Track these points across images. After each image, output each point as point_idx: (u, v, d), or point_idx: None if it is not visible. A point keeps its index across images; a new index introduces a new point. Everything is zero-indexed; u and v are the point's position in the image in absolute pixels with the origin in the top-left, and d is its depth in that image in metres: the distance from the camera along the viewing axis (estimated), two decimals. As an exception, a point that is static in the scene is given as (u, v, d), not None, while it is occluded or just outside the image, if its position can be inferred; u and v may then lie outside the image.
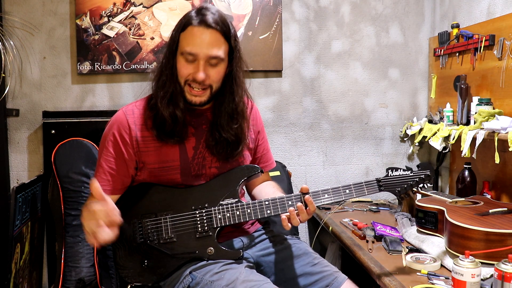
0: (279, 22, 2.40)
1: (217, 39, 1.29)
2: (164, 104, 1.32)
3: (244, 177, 1.40)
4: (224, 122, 1.37)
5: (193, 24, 1.28)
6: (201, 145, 1.40)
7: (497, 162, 1.72)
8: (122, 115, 1.38)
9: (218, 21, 1.28)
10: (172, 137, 1.35)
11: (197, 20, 1.28)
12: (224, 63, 1.33)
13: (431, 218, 1.59)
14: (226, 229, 1.42)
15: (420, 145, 2.55)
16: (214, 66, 1.31)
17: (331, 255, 2.29)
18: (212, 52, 1.28)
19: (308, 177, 2.53)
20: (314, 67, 2.49)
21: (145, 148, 1.36)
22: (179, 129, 1.35)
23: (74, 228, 2.03)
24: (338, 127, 2.53)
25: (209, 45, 1.28)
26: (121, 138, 1.36)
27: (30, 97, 2.34)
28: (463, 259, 1.19)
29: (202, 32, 1.27)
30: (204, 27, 1.27)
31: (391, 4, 2.50)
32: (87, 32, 2.31)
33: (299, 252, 1.42)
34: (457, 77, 2.16)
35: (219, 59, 1.30)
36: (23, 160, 2.35)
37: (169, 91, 1.33)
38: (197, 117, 1.41)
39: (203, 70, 1.29)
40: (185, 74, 1.31)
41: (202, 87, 1.32)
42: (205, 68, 1.30)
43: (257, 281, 1.22)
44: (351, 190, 1.33)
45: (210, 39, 1.27)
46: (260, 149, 1.58)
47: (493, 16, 1.94)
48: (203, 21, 1.27)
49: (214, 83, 1.34)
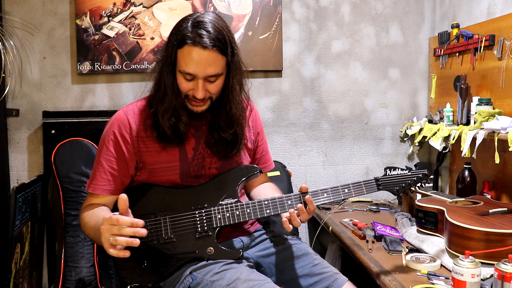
0: (279, 22, 2.40)
1: (215, 58, 1.27)
2: (166, 119, 1.33)
3: (243, 177, 1.41)
4: (223, 124, 1.39)
5: (189, 43, 1.25)
6: (201, 146, 1.41)
7: (497, 162, 1.72)
8: (122, 114, 1.38)
9: (215, 39, 1.25)
10: (173, 140, 1.35)
11: (193, 40, 1.25)
12: (223, 75, 1.33)
13: (431, 218, 1.59)
14: (226, 229, 1.42)
15: (420, 145, 2.55)
16: (212, 82, 1.31)
17: (331, 255, 2.29)
18: (210, 71, 1.28)
19: (308, 177, 2.53)
20: (314, 67, 2.49)
21: (145, 148, 1.37)
22: (180, 131, 1.36)
23: (74, 228, 2.03)
24: (338, 127, 2.53)
25: (207, 66, 1.27)
26: (122, 138, 1.36)
27: (30, 97, 2.34)
28: (463, 259, 1.19)
29: (199, 53, 1.25)
30: (200, 48, 1.24)
31: (391, 4, 2.50)
32: (87, 32, 2.31)
33: (300, 252, 1.42)
34: (457, 77, 2.16)
35: (217, 75, 1.31)
36: (23, 160, 2.35)
37: (171, 106, 1.33)
38: (197, 118, 1.41)
39: (202, 88, 1.30)
40: (185, 90, 1.32)
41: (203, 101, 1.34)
42: (204, 86, 1.30)
43: (258, 280, 1.22)
44: (350, 190, 1.33)
45: (208, 59, 1.26)
46: (260, 150, 1.58)
47: (493, 16, 1.94)
48: (199, 43, 1.24)
49: (214, 95, 1.35)
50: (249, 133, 1.51)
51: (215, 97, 1.36)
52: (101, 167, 1.37)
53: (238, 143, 1.42)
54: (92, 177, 1.38)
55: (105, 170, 1.36)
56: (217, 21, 1.29)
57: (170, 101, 1.33)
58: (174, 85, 1.32)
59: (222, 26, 1.29)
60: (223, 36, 1.28)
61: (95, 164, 1.39)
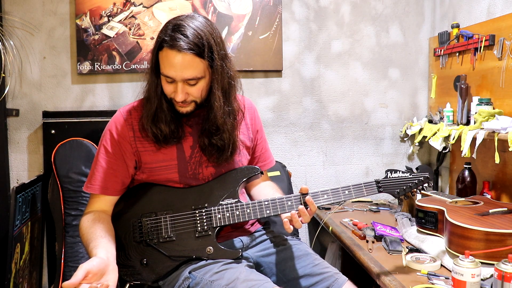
0: (279, 22, 2.40)
1: (191, 61, 1.26)
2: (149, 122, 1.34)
3: (244, 178, 1.41)
4: (209, 128, 1.37)
5: (166, 46, 1.26)
6: (198, 144, 1.40)
7: (497, 162, 1.72)
8: (120, 116, 1.40)
9: (191, 43, 1.24)
10: (169, 140, 1.35)
11: (170, 43, 1.25)
12: (205, 79, 1.32)
13: (431, 218, 1.59)
14: (226, 229, 1.42)
15: (420, 145, 2.55)
16: (193, 85, 1.31)
17: (331, 255, 2.29)
18: (187, 74, 1.27)
19: (308, 177, 2.53)
20: (314, 67, 2.49)
21: (143, 148, 1.37)
22: (175, 132, 1.36)
23: (74, 228, 2.04)
24: (338, 127, 2.53)
25: (183, 69, 1.26)
26: (120, 138, 1.36)
27: (30, 97, 2.34)
28: (463, 259, 1.19)
29: (175, 56, 1.25)
30: (176, 51, 1.25)
31: (391, 4, 2.50)
32: (87, 32, 2.31)
33: (300, 253, 1.42)
34: (457, 77, 2.16)
35: (196, 79, 1.30)
36: (23, 160, 2.35)
37: (152, 108, 1.34)
38: (193, 116, 1.41)
39: (181, 91, 1.30)
40: (168, 93, 1.33)
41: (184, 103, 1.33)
42: (183, 89, 1.30)
43: (258, 280, 1.21)
44: (350, 191, 1.33)
45: (183, 62, 1.26)
46: (259, 148, 1.58)
47: (493, 16, 1.94)
48: (174, 46, 1.24)
49: (197, 99, 1.34)
50: (247, 131, 1.51)
51: (199, 100, 1.35)
52: (100, 167, 1.37)
53: (227, 149, 1.39)
54: (90, 177, 1.38)
55: (104, 170, 1.36)
56: (199, 25, 1.28)
57: (153, 102, 1.33)
58: (157, 89, 1.33)
59: (203, 31, 1.28)
60: (201, 40, 1.26)
61: (93, 165, 1.39)
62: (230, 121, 1.39)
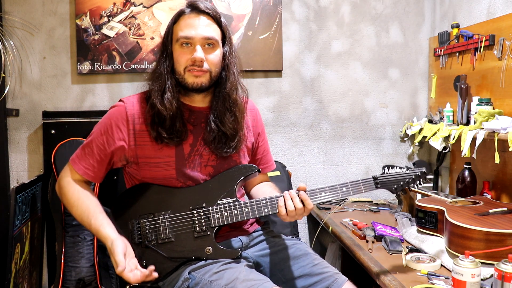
0: (279, 22, 2.40)
1: (210, 22, 1.36)
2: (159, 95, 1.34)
3: (241, 176, 1.40)
4: (221, 115, 1.39)
5: (186, 13, 1.36)
6: (199, 143, 1.40)
7: (497, 162, 1.71)
8: (122, 107, 1.39)
9: (210, 8, 1.36)
10: (171, 138, 1.35)
11: (189, 9, 1.36)
12: (220, 48, 1.38)
13: (431, 218, 1.59)
14: (225, 229, 1.42)
15: (420, 145, 2.55)
16: (210, 50, 1.36)
17: (331, 255, 2.29)
18: (207, 33, 1.34)
19: (308, 177, 2.53)
20: (314, 67, 2.49)
21: (142, 142, 1.36)
22: (178, 128, 1.35)
23: (74, 228, 2.04)
24: (338, 127, 2.53)
25: (203, 27, 1.34)
26: (117, 129, 1.36)
27: (30, 97, 2.34)
28: (463, 259, 1.19)
29: (195, 17, 1.34)
30: (196, 13, 1.35)
31: (391, 4, 2.50)
32: (87, 32, 2.31)
33: (299, 252, 1.42)
34: (457, 77, 2.16)
35: (214, 40, 1.35)
36: (23, 160, 2.36)
37: (163, 85, 1.35)
38: (196, 115, 1.41)
39: (200, 50, 1.33)
40: (183, 61, 1.35)
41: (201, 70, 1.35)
42: (202, 50, 1.34)
43: (257, 280, 1.21)
44: (348, 188, 1.33)
45: (203, 22, 1.35)
46: (260, 151, 1.58)
47: (493, 16, 1.94)
48: (194, 8, 1.35)
49: (213, 67, 1.37)
50: (249, 133, 1.51)
51: (214, 70, 1.37)
52: (90, 151, 1.37)
53: (237, 137, 1.41)
54: (80, 156, 1.39)
55: (93, 156, 1.37)
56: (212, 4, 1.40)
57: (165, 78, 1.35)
58: (170, 61, 1.37)
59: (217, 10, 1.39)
60: (217, 13, 1.38)
61: (85, 144, 1.39)
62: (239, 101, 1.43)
